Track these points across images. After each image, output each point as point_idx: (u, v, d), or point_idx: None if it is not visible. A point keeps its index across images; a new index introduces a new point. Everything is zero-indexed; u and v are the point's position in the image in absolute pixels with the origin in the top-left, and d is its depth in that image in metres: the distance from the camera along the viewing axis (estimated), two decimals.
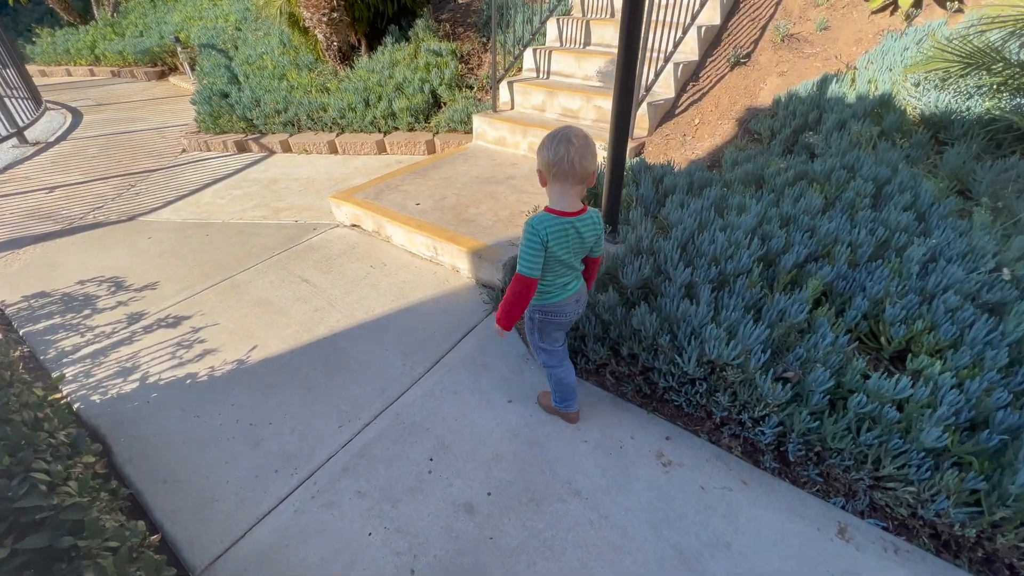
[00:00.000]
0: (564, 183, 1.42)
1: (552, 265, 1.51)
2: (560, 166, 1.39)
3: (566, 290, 1.59)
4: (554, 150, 1.39)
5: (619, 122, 2.08)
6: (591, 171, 1.42)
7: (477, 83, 4.74)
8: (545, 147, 1.42)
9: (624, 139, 2.11)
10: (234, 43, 6.75)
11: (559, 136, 1.39)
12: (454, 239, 2.67)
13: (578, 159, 1.38)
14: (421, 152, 4.41)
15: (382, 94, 4.59)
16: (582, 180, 1.43)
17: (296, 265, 2.86)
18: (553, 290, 1.58)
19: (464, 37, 5.25)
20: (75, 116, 6.01)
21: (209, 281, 2.75)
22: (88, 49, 8.22)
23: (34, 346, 2.31)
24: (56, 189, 4.01)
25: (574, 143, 1.38)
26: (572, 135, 1.39)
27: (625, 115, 2.05)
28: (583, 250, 1.56)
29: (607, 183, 2.22)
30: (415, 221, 2.86)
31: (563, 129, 1.41)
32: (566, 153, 1.38)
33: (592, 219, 1.52)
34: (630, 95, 2.02)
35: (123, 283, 2.77)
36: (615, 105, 2.04)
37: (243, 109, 4.74)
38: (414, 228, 2.81)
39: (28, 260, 3.02)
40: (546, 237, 1.44)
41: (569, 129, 1.41)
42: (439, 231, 2.75)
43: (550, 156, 1.40)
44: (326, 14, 4.78)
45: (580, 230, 1.48)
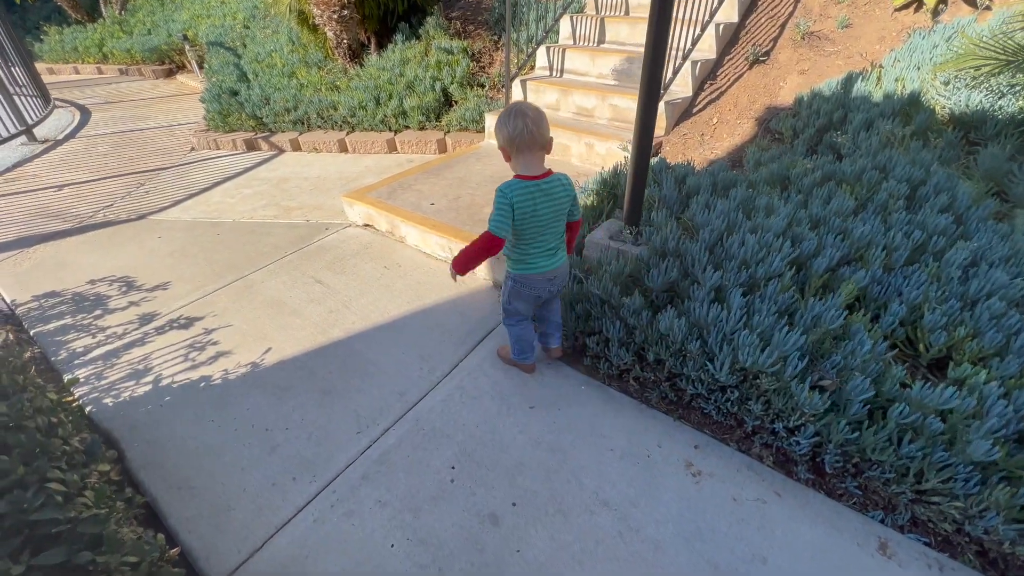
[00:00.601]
0: (526, 152, 1.57)
1: (526, 230, 1.63)
2: (521, 137, 1.53)
3: (538, 266, 1.72)
4: (512, 124, 1.53)
5: (644, 120, 2.02)
6: (548, 138, 1.59)
7: (489, 81, 4.68)
8: (502, 124, 1.56)
9: (649, 138, 2.05)
10: (242, 41, 6.72)
11: (513, 111, 1.54)
12: (470, 240, 2.61)
13: (535, 128, 1.53)
14: (432, 151, 4.36)
15: (392, 92, 4.54)
16: (542, 147, 1.58)
17: (309, 265, 2.81)
18: (527, 260, 1.71)
19: (475, 35, 5.19)
20: (83, 114, 5.99)
21: (221, 281, 2.71)
22: (96, 47, 8.20)
23: (45, 347, 2.27)
24: (65, 187, 3.98)
25: (528, 115, 1.53)
26: (525, 108, 1.54)
27: (650, 113, 2.00)
28: (558, 211, 1.66)
29: (630, 183, 2.16)
30: (430, 221, 2.81)
31: (514, 105, 1.56)
32: (524, 125, 1.52)
33: (559, 180, 1.65)
34: (656, 93, 1.96)
35: (134, 283, 2.73)
36: (640, 103, 1.98)
37: (252, 107, 4.70)
38: (429, 228, 2.76)
39: (38, 259, 2.98)
40: (512, 198, 1.56)
41: (520, 104, 1.56)
42: (455, 231, 2.70)
43: (509, 130, 1.54)
44: (336, 11, 4.73)
45: (546, 191, 1.61)
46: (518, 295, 1.81)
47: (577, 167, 3.56)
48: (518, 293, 1.80)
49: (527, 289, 1.77)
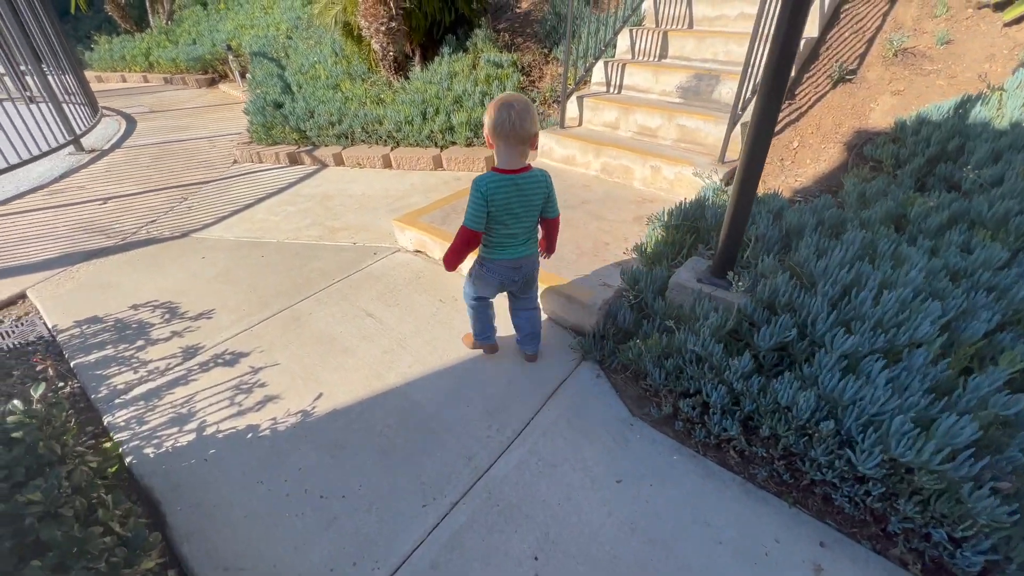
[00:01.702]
0: (506, 143, 1.60)
1: (500, 217, 1.67)
2: (503, 127, 1.56)
3: (505, 252, 1.78)
4: (497, 113, 1.56)
5: (753, 148, 1.75)
6: (532, 132, 1.60)
7: (540, 96, 4.47)
8: (490, 112, 1.58)
9: (757, 169, 1.78)
10: (285, 51, 6.70)
11: (502, 102, 1.57)
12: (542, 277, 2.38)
13: (519, 121, 1.56)
14: (480, 169, 4.16)
15: (440, 107, 4.37)
16: (523, 140, 1.60)
17: (359, 296, 2.62)
18: (496, 247, 1.77)
19: (524, 48, 5.00)
20: (129, 123, 6.02)
21: (267, 311, 2.54)
22: (143, 56, 8.35)
23: (85, 382, 2.13)
24: (110, 200, 3.92)
25: (515, 107, 1.56)
26: (513, 100, 1.57)
27: (763, 139, 1.72)
28: (531, 206, 1.70)
29: (728, 219, 1.89)
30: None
31: (505, 95, 1.59)
32: (507, 116, 1.55)
33: (535, 176, 1.68)
34: (774, 115, 1.69)
35: (177, 309, 2.59)
36: (753, 126, 1.71)
37: (297, 120, 4.60)
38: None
39: (81, 279, 2.88)
40: (487, 191, 1.61)
41: (511, 95, 1.59)
42: None
43: (495, 119, 1.57)
44: (384, 23, 4.60)
45: (521, 185, 1.65)
46: (481, 278, 1.88)
47: (640, 191, 3.31)
48: (482, 277, 1.87)
49: (492, 275, 1.84)
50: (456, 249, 1.73)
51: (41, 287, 2.80)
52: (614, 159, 3.44)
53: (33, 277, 2.89)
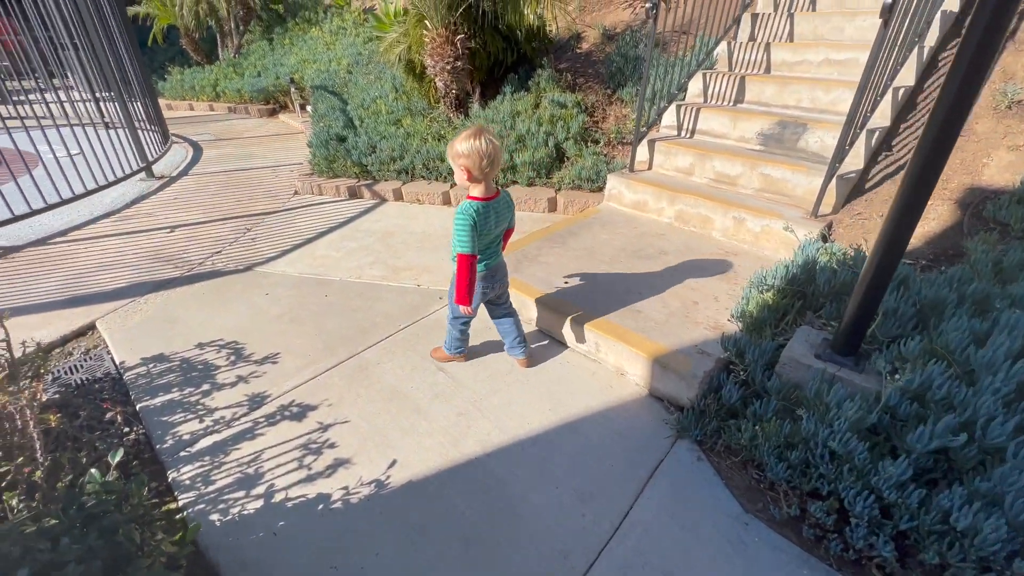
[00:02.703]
0: (491, 171, 1.77)
1: (480, 241, 1.85)
2: (495, 156, 1.73)
3: (484, 265, 1.97)
4: (486, 143, 1.70)
5: (904, 208, 1.54)
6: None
7: (604, 138, 4.38)
8: (474, 144, 1.69)
9: (906, 234, 1.57)
10: (345, 86, 6.89)
11: (482, 134, 1.71)
12: (623, 336, 2.20)
13: (499, 151, 1.75)
14: (542, 209, 4.06)
15: (501, 145, 4.32)
16: (498, 167, 1.80)
17: (428, 345, 2.48)
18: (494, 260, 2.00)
19: (586, 88, 4.96)
20: (196, 150, 6.24)
21: (333, 358, 2.43)
22: (211, 86, 8.78)
23: (150, 428, 2.04)
24: (177, 228, 3.97)
25: (494, 139, 1.72)
26: (490, 132, 1.73)
27: (921, 196, 1.51)
28: (501, 223, 1.94)
29: (862, 288, 1.66)
30: (570, 307, 2.42)
31: (477, 127, 1.74)
32: (493, 147, 1.71)
33: (505, 199, 1.94)
34: (936, 171, 1.48)
35: (242, 351, 2.51)
36: (908, 183, 1.51)
37: (359, 154, 4.63)
38: (569, 315, 2.37)
39: (149, 312, 2.85)
40: (475, 219, 1.77)
41: (481, 126, 1.75)
42: (603, 324, 2.29)
43: (484, 149, 1.69)
44: (450, 62, 4.64)
45: (498, 209, 1.87)
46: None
47: (721, 243, 3.10)
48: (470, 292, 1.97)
49: (478, 286, 1.98)
50: (466, 281, 1.86)
51: (110, 318, 2.79)
52: (691, 207, 3.26)
53: (103, 307, 2.89)
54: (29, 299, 2.98)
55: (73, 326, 2.72)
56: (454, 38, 4.57)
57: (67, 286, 3.12)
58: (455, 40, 4.58)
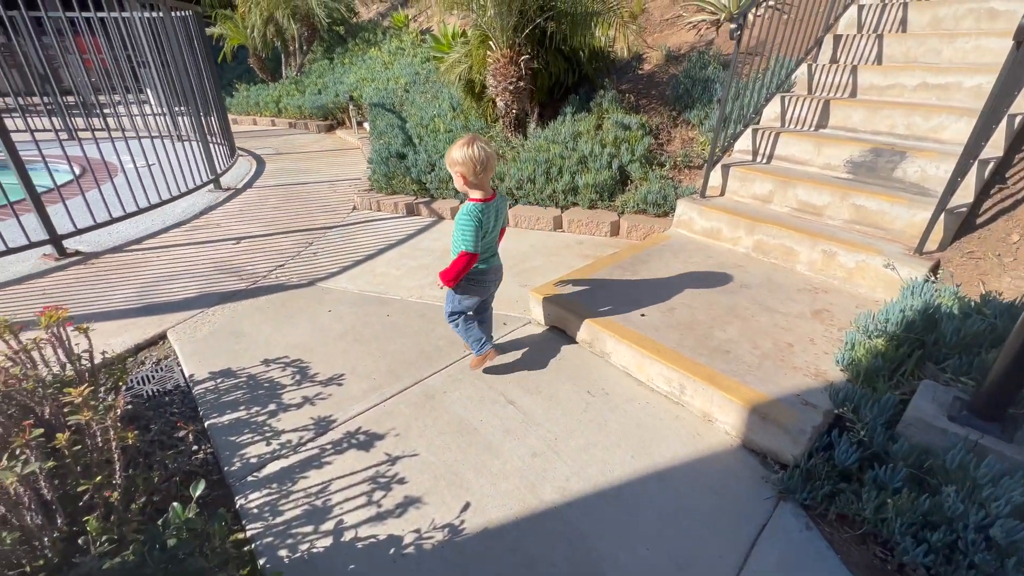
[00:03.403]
0: (485, 175, 1.90)
1: (483, 240, 1.99)
2: (487, 162, 1.87)
3: (489, 263, 2.12)
4: (479, 150, 1.85)
5: None
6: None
7: (670, 161, 4.22)
8: (468, 152, 1.84)
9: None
10: (402, 104, 7.04)
11: (475, 142, 1.86)
12: (713, 379, 2.02)
13: (492, 157, 1.90)
14: (603, 233, 3.92)
15: (563, 167, 4.23)
16: (492, 171, 1.93)
17: (494, 376, 2.37)
18: (481, 261, 2.07)
19: (649, 110, 4.83)
20: (259, 164, 6.47)
21: (398, 383, 2.35)
22: (274, 103, 9.17)
23: (218, 448, 1.99)
24: (242, 240, 4.06)
25: (486, 146, 1.88)
26: (481, 139, 1.88)
27: None
28: (499, 223, 2.08)
29: (1017, 343, 1.44)
30: (650, 343, 2.26)
31: (468, 136, 1.88)
32: (485, 152, 1.86)
33: (502, 198, 2.05)
34: None
35: (307, 370, 2.47)
36: None
37: (418, 172, 4.65)
38: (649, 352, 2.21)
39: (216, 324, 2.87)
40: (480, 218, 1.91)
41: (472, 135, 1.88)
42: (687, 363, 2.12)
43: (478, 156, 1.85)
44: (512, 83, 4.62)
45: (497, 208, 2.02)
46: (469, 292, 2.16)
47: (808, 278, 2.87)
48: (470, 291, 2.15)
49: (479, 286, 2.15)
50: (460, 272, 2.01)
51: (180, 329, 2.82)
52: (772, 237, 3.05)
53: (174, 316, 2.94)
54: (107, 305, 3.07)
55: (146, 334, 2.77)
56: (518, 59, 4.56)
57: (141, 294, 3.20)
58: (519, 61, 4.57)
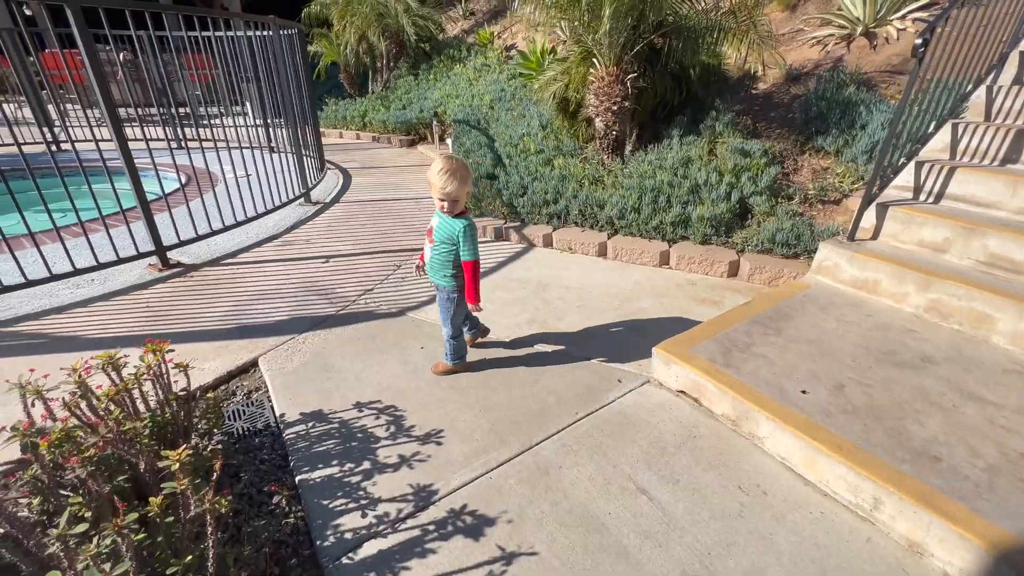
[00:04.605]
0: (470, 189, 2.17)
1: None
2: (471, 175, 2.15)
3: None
4: (467, 169, 2.10)
5: None
6: None
7: (799, 194, 3.69)
8: (458, 172, 2.05)
9: None
10: (487, 121, 6.90)
11: (458, 160, 2.08)
12: (927, 499, 1.53)
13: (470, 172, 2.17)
14: (719, 273, 3.45)
15: (671, 196, 3.82)
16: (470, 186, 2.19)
17: (618, 452, 2.00)
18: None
19: (768, 134, 4.31)
20: (346, 178, 6.54)
21: (505, 448, 2.04)
22: (360, 117, 9.42)
23: (310, 514, 1.76)
24: (331, 259, 3.97)
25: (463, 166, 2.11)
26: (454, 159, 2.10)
27: None
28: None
29: None
30: (824, 434, 1.80)
31: (446, 156, 2.11)
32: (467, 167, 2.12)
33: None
34: None
35: (402, 420, 2.22)
36: None
37: (510, 195, 4.40)
38: (824, 447, 1.75)
39: (307, 354, 2.72)
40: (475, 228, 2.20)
41: (450, 157, 2.11)
42: (884, 470, 1.64)
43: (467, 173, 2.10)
44: (616, 102, 4.29)
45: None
46: (461, 303, 2.34)
47: (1011, 354, 2.27)
48: (460, 301, 2.33)
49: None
50: (478, 282, 2.25)
51: (272, 357, 2.69)
52: (955, 298, 2.47)
53: (265, 341, 2.82)
54: (203, 323, 3.02)
55: (239, 360, 2.65)
56: (624, 77, 4.22)
57: (235, 313, 3.13)
58: (625, 79, 4.23)
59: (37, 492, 1.42)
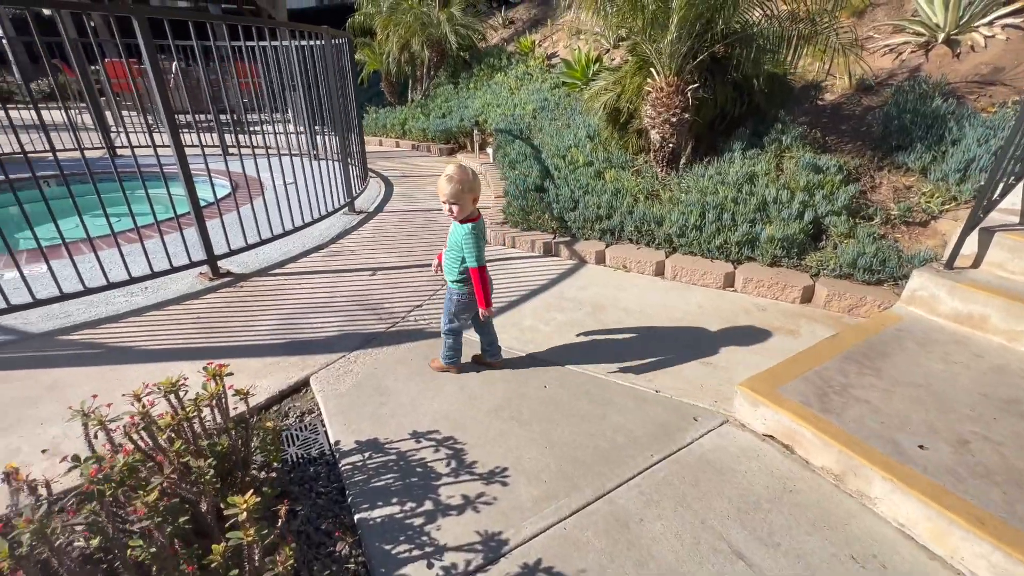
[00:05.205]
0: (478, 196, 2.24)
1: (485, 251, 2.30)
2: (478, 182, 2.21)
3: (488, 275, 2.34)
4: (473, 176, 2.17)
5: None
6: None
7: (880, 214, 3.40)
8: (463, 178, 2.12)
9: None
10: (530, 130, 6.78)
11: (463, 167, 2.17)
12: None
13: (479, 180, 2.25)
14: (791, 299, 3.20)
15: (736, 213, 3.59)
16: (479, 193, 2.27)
17: (703, 503, 1.80)
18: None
19: (842, 149, 4.03)
20: (387, 186, 6.52)
21: (576, 494, 1.86)
22: (399, 125, 9.46)
23: (371, 559, 1.63)
24: (378, 272, 3.90)
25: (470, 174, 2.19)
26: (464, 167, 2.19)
27: None
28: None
29: None
30: (958, 502, 1.56)
31: (453, 165, 2.19)
32: (475, 175, 2.21)
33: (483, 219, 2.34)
34: None
35: (462, 454, 2.07)
36: None
37: (560, 209, 4.24)
38: (960, 518, 1.51)
39: (358, 375, 2.62)
40: (484, 232, 2.31)
41: (459, 166, 2.18)
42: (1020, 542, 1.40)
43: (473, 181, 2.17)
44: (675, 114, 4.09)
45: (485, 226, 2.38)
46: (466, 307, 2.40)
47: None
48: (467, 305, 2.39)
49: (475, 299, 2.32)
50: (485, 288, 2.26)
51: (323, 377, 2.60)
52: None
53: (316, 359, 2.73)
54: (254, 336, 2.96)
55: (290, 379, 2.57)
56: (685, 88, 4.02)
57: (284, 327, 3.07)
58: (686, 90, 4.02)
59: (97, 532, 1.33)
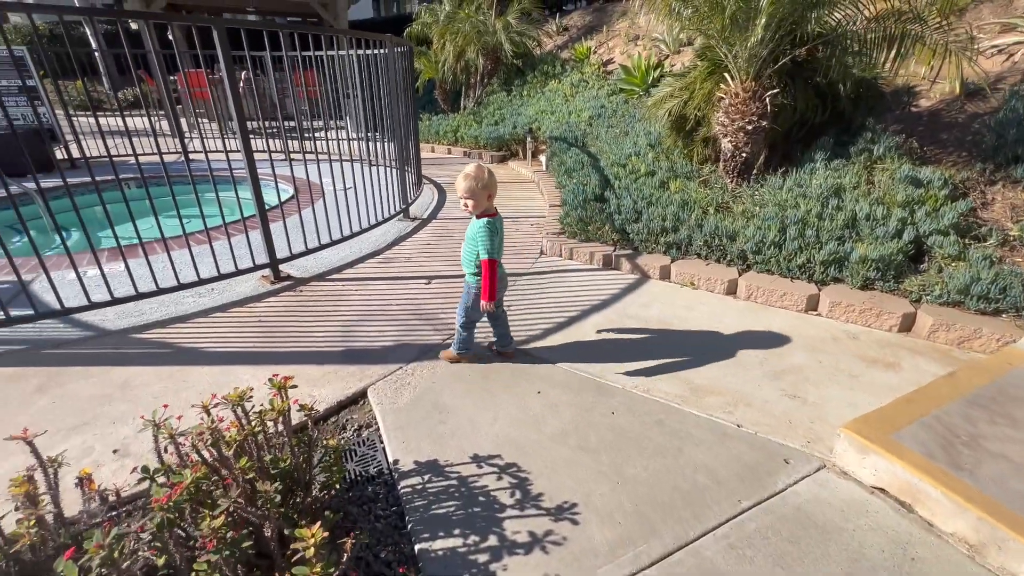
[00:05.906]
0: (494, 194, 2.34)
1: (500, 247, 2.39)
2: (494, 181, 2.33)
3: (503, 271, 2.50)
4: (489, 175, 2.30)
5: None
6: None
7: (997, 235, 3.01)
8: (480, 177, 2.27)
9: None
10: (585, 138, 6.62)
11: (481, 167, 2.31)
12: None
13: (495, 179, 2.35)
14: (888, 327, 2.87)
15: (821, 229, 3.28)
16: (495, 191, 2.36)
17: (807, 565, 1.57)
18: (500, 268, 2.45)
19: (943, 160, 3.63)
20: (440, 193, 6.52)
21: (655, 540, 1.68)
22: (452, 132, 9.52)
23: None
24: (433, 280, 3.84)
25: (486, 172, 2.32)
26: (481, 166, 2.32)
27: None
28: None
29: None
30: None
31: (471, 166, 2.32)
32: (492, 174, 2.32)
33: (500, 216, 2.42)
34: None
35: (527, 484, 1.93)
36: None
37: (622, 220, 4.05)
38: None
39: (416, 389, 2.53)
40: (499, 228, 2.36)
41: (479, 165, 2.33)
42: None
43: (488, 180, 2.29)
44: (751, 121, 3.82)
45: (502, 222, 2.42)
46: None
47: None
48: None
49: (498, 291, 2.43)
50: (492, 281, 2.35)
51: (380, 389, 2.53)
52: None
53: (373, 370, 2.68)
54: (312, 342, 2.96)
55: (348, 389, 2.52)
56: (764, 94, 3.75)
57: (341, 334, 3.04)
58: (764, 96, 3.75)
59: (163, 552, 1.28)
